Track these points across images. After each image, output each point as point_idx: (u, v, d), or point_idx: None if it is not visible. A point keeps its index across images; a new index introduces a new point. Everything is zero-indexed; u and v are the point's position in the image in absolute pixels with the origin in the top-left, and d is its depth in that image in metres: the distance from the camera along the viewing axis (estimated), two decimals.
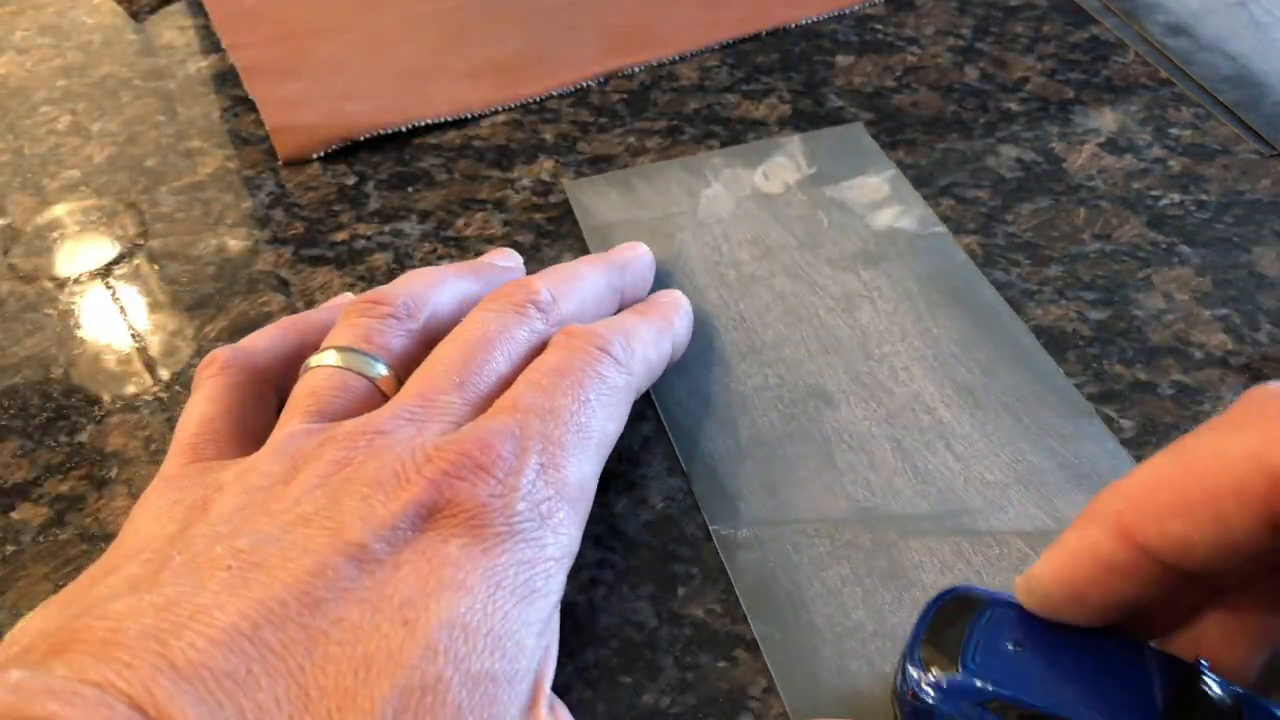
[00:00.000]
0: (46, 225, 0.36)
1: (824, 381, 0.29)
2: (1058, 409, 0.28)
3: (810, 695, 0.22)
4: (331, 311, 0.28)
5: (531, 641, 0.20)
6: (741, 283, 0.32)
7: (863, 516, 0.25)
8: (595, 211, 0.34)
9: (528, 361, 0.25)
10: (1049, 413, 0.28)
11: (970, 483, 0.26)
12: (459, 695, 0.19)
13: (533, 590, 0.21)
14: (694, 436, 0.27)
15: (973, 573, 0.24)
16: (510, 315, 0.25)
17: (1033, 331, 0.30)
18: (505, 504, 0.21)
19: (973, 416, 0.28)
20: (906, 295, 0.31)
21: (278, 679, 0.18)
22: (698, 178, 0.35)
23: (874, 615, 0.24)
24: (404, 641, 0.19)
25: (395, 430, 0.22)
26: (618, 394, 0.25)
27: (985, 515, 0.25)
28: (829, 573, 0.24)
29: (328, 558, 0.19)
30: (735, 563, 0.25)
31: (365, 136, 0.38)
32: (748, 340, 0.30)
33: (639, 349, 0.26)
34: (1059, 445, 0.27)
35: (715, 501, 0.26)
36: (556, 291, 0.26)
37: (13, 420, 0.29)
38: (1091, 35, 0.41)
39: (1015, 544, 0.25)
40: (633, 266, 0.30)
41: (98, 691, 0.16)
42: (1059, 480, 0.26)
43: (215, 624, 0.18)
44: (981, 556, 0.25)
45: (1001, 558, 0.24)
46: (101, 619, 0.18)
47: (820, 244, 0.33)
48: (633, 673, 0.23)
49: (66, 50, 0.43)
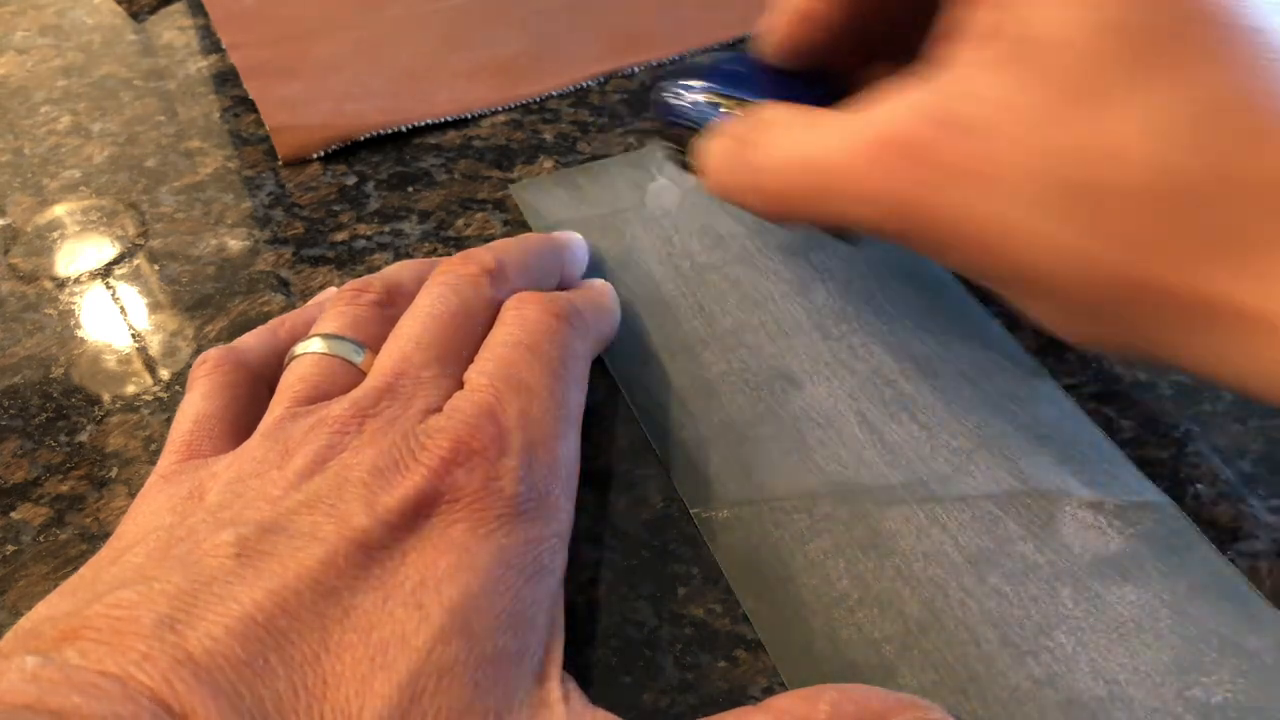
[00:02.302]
0: (46, 225, 0.36)
1: (787, 363, 0.29)
2: (1013, 374, 0.29)
3: (804, 666, 0.23)
4: (320, 307, 0.28)
5: (541, 619, 0.21)
6: (696, 272, 0.32)
7: (837, 490, 0.26)
8: (545, 212, 0.34)
9: (487, 329, 0.25)
10: (1005, 378, 0.29)
11: (937, 450, 0.27)
12: (474, 675, 0.19)
13: (540, 568, 0.21)
14: (666, 425, 0.28)
15: (948, 536, 0.25)
16: (468, 286, 0.26)
17: (1032, 332, 0.30)
18: (504, 487, 0.21)
19: (933, 387, 0.28)
20: (858, 275, 0.32)
21: (294, 667, 0.18)
22: (642, 172, 0.36)
23: (858, 584, 0.24)
24: (418, 625, 0.19)
25: (382, 412, 0.23)
26: (579, 362, 0.26)
27: (954, 481, 0.26)
28: (810, 546, 0.25)
29: (337, 546, 0.19)
30: (718, 543, 0.25)
31: (365, 136, 0.38)
32: (708, 328, 0.30)
33: (589, 318, 0.27)
34: (1017, 408, 0.28)
35: (693, 486, 0.26)
36: (507, 261, 0.27)
37: (13, 420, 0.29)
38: None
39: (986, 506, 0.26)
40: (571, 247, 0.31)
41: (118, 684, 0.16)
42: (1020, 442, 0.27)
43: (230, 614, 0.18)
44: (955, 520, 0.25)
45: (975, 520, 0.25)
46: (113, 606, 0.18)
47: (769, 230, 0.33)
48: (633, 673, 0.23)
49: (66, 50, 0.43)
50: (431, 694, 0.18)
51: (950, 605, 0.24)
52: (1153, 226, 0.19)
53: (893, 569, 0.24)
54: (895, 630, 0.23)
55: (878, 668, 0.23)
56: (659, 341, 0.30)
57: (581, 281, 0.31)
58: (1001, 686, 0.22)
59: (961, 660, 0.23)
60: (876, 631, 0.23)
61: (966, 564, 0.24)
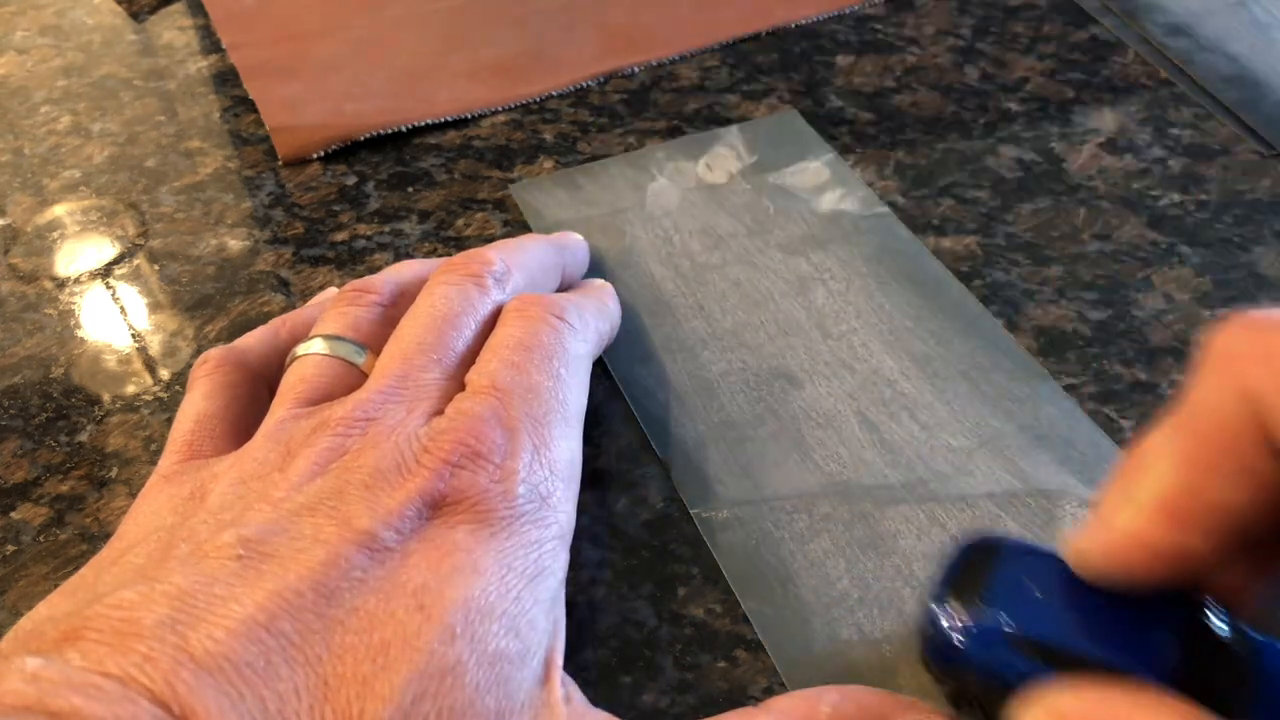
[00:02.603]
0: (46, 225, 0.36)
1: (786, 363, 0.29)
2: (1013, 373, 0.29)
3: (804, 666, 0.23)
4: (320, 307, 0.28)
5: (542, 619, 0.21)
6: (696, 272, 0.32)
7: (837, 490, 0.26)
8: (545, 212, 0.34)
9: (489, 330, 0.25)
10: (1004, 377, 0.29)
11: (937, 450, 0.27)
12: (476, 676, 0.19)
13: (541, 569, 0.21)
14: (666, 425, 0.28)
15: (948, 536, 0.25)
16: (470, 287, 0.26)
17: (1032, 332, 0.30)
18: (506, 489, 0.21)
19: (933, 386, 0.28)
20: (857, 274, 0.32)
21: (297, 669, 0.18)
22: (642, 172, 0.36)
23: (858, 584, 0.24)
24: (420, 626, 0.19)
25: (385, 415, 0.23)
26: (581, 363, 0.26)
27: (954, 480, 0.26)
28: (811, 546, 0.25)
29: (339, 548, 0.19)
30: (718, 543, 0.25)
31: (365, 136, 0.38)
32: (708, 328, 0.30)
33: (590, 319, 0.27)
34: (1017, 409, 0.28)
35: (693, 486, 0.26)
36: (509, 261, 0.27)
37: (13, 420, 0.29)
38: (1091, 35, 0.41)
39: (986, 506, 0.26)
40: (572, 248, 0.31)
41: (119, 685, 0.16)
42: (1021, 442, 0.27)
43: (232, 615, 0.18)
44: (954, 521, 0.25)
45: (974, 520, 0.25)
46: (114, 607, 0.18)
47: (768, 230, 0.33)
48: (633, 673, 0.23)
49: (66, 50, 0.43)
50: (433, 695, 0.18)
51: None
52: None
53: (893, 569, 0.24)
54: (895, 630, 0.23)
55: (878, 668, 0.23)
56: (659, 341, 0.30)
57: (582, 282, 0.31)
58: None
59: None
60: (876, 631, 0.23)
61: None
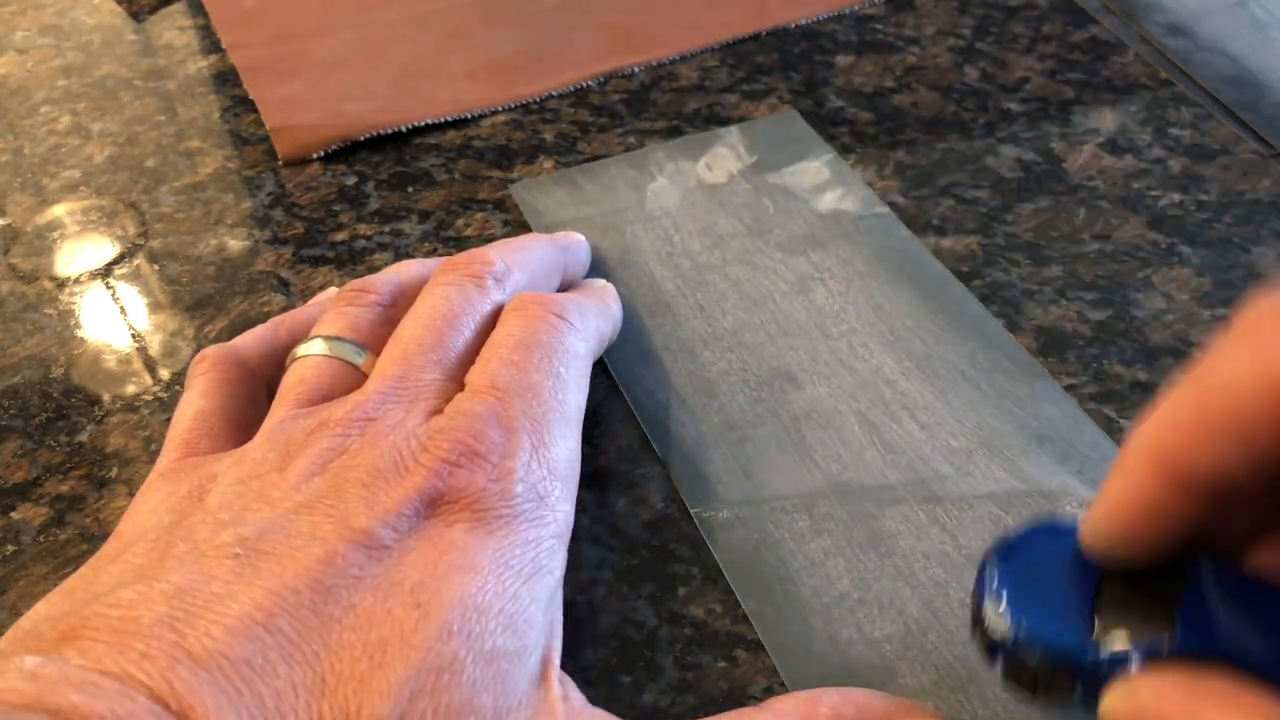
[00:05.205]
0: (46, 225, 0.36)
1: (786, 363, 0.29)
2: (1012, 373, 0.29)
3: (804, 666, 0.23)
4: (319, 307, 0.28)
5: (540, 618, 0.21)
6: (696, 272, 0.32)
7: (837, 490, 0.26)
8: (545, 212, 0.34)
9: (489, 330, 0.25)
10: (1004, 377, 0.29)
11: (937, 450, 0.27)
12: (473, 674, 0.19)
13: (538, 568, 0.21)
14: (666, 425, 0.28)
15: (948, 537, 0.25)
16: (470, 287, 0.26)
17: (1032, 331, 0.30)
18: (504, 488, 0.21)
19: (932, 386, 0.28)
20: (856, 274, 0.32)
21: (294, 666, 0.18)
22: (642, 172, 0.36)
23: (858, 584, 0.24)
24: (417, 624, 0.19)
25: (384, 415, 0.23)
26: (580, 362, 0.26)
27: (954, 481, 0.26)
28: (811, 546, 0.25)
29: (336, 546, 0.19)
30: (718, 543, 0.25)
31: (365, 136, 0.38)
32: (708, 327, 0.30)
33: (591, 318, 0.27)
34: (1017, 408, 0.28)
35: (693, 485, 0.26)
36: (510, 261, 0.27)
37: (13, 420, 0.29)
38: (1091, 35, 0.41)
39: (986, 506, 0.26)
40: (573, 248, 0.31)
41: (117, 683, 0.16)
42: (1021, 442, 0.27)
43: (230, 612, 0.18)
44: (955, 521, 0.25)
45: (975, 520, 0.25)
46: (113, 606, 0.18)
47: (768, 230, 0.33)
48: (633, 673, 0.23)
49: (66, 50, 0.43)
50: (430, 693, 0.18)
51: (950, 605, 0.24)
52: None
53: (893, 569, 0.24)
54: (895, 630, 0.23)
55: (878, 668, 0.23)
56: (659, 341, 0.30)
57: (583, 281, 0.31)
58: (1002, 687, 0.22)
59: (961, 660, 0.23)
60: (876, 631, 0.23)
61: (966, 564, 0.24)
